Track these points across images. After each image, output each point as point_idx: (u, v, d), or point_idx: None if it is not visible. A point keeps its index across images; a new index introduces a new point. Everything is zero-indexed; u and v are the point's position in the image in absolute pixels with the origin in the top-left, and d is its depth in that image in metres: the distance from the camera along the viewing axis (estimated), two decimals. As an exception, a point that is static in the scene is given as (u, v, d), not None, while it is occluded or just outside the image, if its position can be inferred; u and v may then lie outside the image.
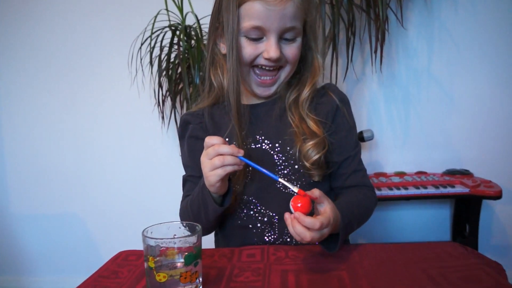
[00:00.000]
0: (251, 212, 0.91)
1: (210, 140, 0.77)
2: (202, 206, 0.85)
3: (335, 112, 0.94)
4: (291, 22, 0.83)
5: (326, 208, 0.71)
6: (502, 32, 1.74)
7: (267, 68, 0.88)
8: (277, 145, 0.91)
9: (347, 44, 1.56)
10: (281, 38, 0.85)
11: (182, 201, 0.99)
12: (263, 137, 0.92)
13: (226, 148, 0.74)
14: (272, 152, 0.90)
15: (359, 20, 1.62)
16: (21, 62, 2.04)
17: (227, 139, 0.87)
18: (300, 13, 0.85)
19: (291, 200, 0.70)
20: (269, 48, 0.83)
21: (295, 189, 0.70)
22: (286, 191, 0.88)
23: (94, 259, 2.07)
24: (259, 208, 0.90)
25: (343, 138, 0.93)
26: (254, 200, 0.91)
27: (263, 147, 0.91)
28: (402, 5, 1.53)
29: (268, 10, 0.80)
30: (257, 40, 0.85)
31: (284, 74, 0.91)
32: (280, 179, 0.72)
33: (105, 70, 1.99)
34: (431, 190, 1.57)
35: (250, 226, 0.91)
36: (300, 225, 0.67)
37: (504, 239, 1.85)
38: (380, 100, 1.85)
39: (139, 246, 0.63)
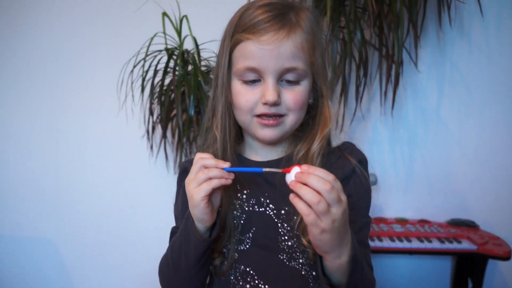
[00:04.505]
0: (247, 286, 0.78)
1: (197, 155, 0.72)
2: (183, 243, 0.75)
3: (350, 177, 0.81)
4: (289, 63, 0.73)
5: None
6: (517, 76, 1.65)
7: (268, 115, 0.77)
8: (282, 212, 0.78)
9: (356, 85, 1.44)
10: (282, 80, 0.76)
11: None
12: (268, 201, 0.80)
13: (211, 161, 0.70)
14: (276, 219, 0.78)
15: (371, 57, 1.50)
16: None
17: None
18: (301, 53, 0.74)
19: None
20: (265, 91, 0.74)
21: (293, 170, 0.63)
22: (291, 264, 0.76)
23: (66, 290, 1.93)
24: (256, 282, 0.78)
25: (352, 204, 0.79)
26: (252, 272, 0.78)
27: (267, 212, 0.79)
28: (417, 45, 1.41)
29: (262, 49, 0.72)
30: (253, 82, 0.76)
31: (288, 121, 0.79)
32: (264, 169, 0.67)
33: (92, 93, 1.84)
34: (436, 245, 1.47)
35: None
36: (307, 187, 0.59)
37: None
38: (384, 141, 1.74)
39: (114, 278, 0.50)
